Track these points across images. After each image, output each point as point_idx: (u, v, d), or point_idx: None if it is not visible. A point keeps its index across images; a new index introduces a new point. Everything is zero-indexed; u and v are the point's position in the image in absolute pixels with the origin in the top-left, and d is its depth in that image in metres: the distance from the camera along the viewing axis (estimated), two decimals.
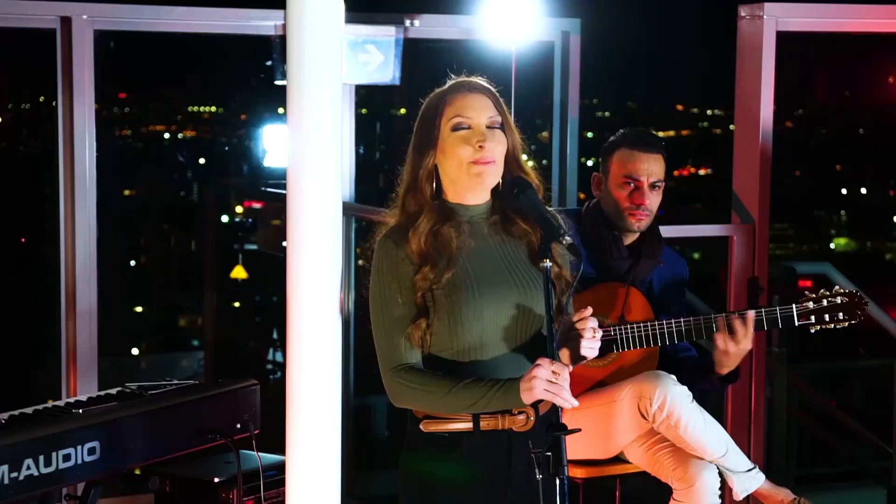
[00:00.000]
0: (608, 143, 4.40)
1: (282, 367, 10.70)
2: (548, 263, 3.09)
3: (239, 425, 3.86)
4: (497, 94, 3.26)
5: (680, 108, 32.75)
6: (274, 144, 9.22)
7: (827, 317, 4.13)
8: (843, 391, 9.43)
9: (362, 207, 5.67)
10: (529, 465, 3.07)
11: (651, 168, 4.31)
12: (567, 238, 3.10)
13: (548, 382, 2.99)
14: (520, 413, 3.17)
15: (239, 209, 17.22)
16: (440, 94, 3.25)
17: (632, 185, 4.30)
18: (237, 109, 21.99)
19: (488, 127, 3.20)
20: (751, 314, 4.09)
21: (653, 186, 4.31)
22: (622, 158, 4.34)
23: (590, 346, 3.12)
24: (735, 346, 4.09)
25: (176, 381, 3.85)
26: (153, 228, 18.98)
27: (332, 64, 3.28)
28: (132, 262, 18.32)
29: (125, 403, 3.63)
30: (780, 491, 4.18)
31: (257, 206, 15.90)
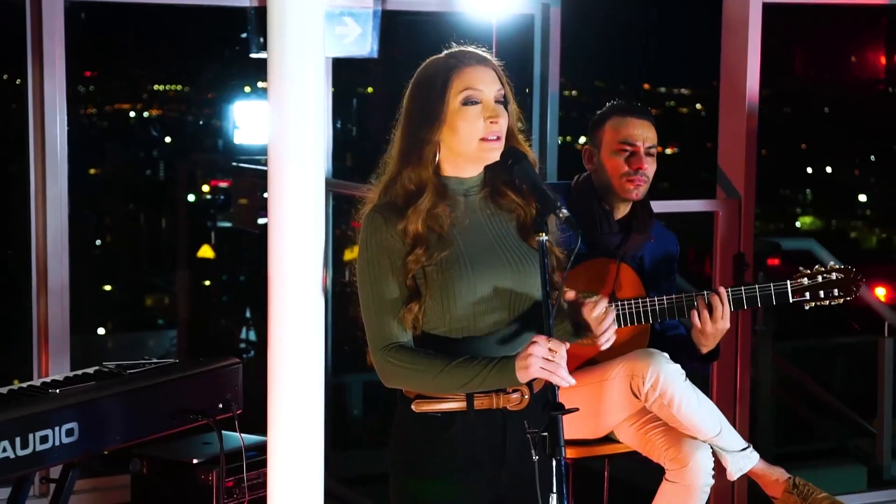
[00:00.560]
0: (598, 116, 4.30)
1: (255, 345, 10.59)
2: (544, 237, 2.99)
3: (221, 405, 3.75)
4: (499, 66, 3.15)
5: (647, 87, 32.67)
6: (245, 121, 9.09)
7: (822, 293, 4.05)
8: (823, 368, 9.39)
9: (342, 183, 5.56)
10: (524, 445, 2.99)
11: (646, 133, 4.22)
12: (563, 211, 2.99)
13: (544, 360, 2.90)
14: (514, 392, 3.08)
15: (206, 188, 17.03)
16: (444, 64, 3.12)
17: (628, 150, 4.20)
18: (203, 88, 21.79)
19: (496, 101, 3.09)
20: (724, 292, 3.99)
21: (648, 153, 4.22)
22: (615, 125, 4.25)
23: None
24: (712, 325, 3.99)
25: (155, 360, 3.73)
26: (119, 207, 18.76)
27: (314, 36, 3.17)
28: (98, 241, 18.11)
29: (104, 383, 3.51)
30: (775, 470, 4.10)
31: (224, 184, 15.71)
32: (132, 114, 21.75)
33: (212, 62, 20.44)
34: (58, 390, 3.41)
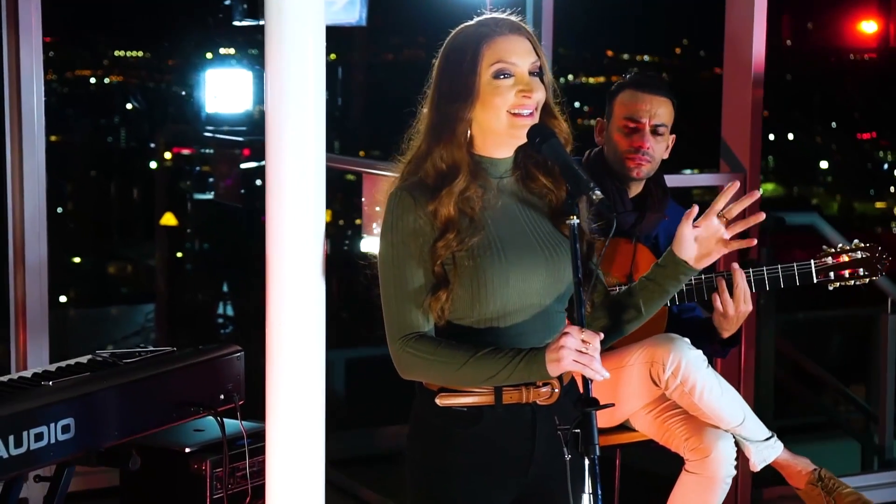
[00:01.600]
0: (614, 86, 4.10)
1: (232, 321, 10.39)
2: (575, 220, 2.78)
3: (223, 396, 3.53)
4: (533, 34, 2.92)
5: (610, 54, 32.56)
6: (218, 90, 8.85)
7: (847, 273, 3.88)
8: (814, 341, 9.31)
9: (339, 158, 5.34)
10: (554, 441, 2.82)
11: (655, 110, 4.01)
12: (597, 192, 2.77)
13: (577, 352, 2.71)
14: (544, 385, 2.89)
15: (168, 155, 16.77)
16: (475, 34, 2.88)
17: (632, 126, 4.00)
18: (164, 54, 21.52)
19: (531, 73, 2.87)
20: (740, 273, 3.80)
21: (655, 131, 4.01)
22: (625, 99, 4.06)
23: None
24: (735, 308, 3.81)
25: (151, 348, 3.51)
26: (81, 175, 18.51)
27: (314, 3, 2.95)
28: (59, 209, 17.83)
29: (99, 374, 3.29)
30: (800, 461, 3.94)
31: (187, 152, 15.44)
32: (93, 80, 21.43)
33: (173, 28, 20.17)
34: (51, 383, 3.19)
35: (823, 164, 34.04)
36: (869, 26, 14.50)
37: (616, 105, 4.06)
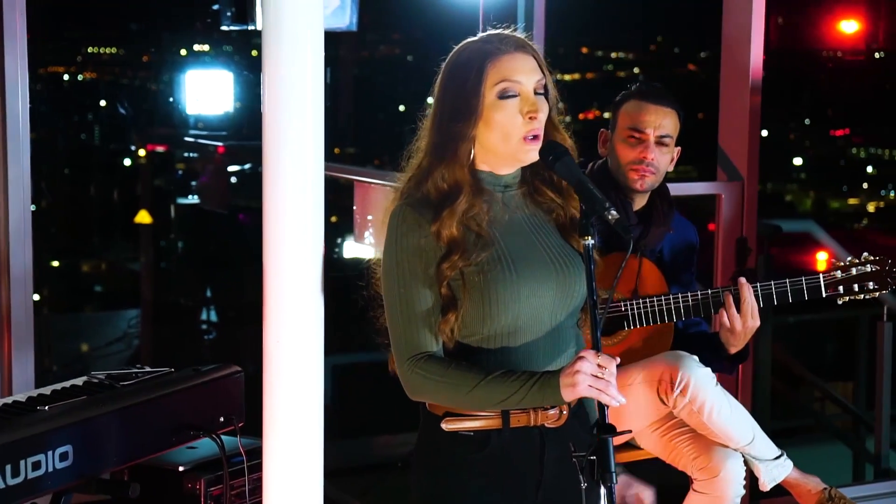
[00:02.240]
0: (619, 97, 4.01)
1: (216, 326, 10.28)
2: (590, 241, 2.70)
3: (222, 418, 3.43)
4: (538, 51, 2.84)
5: (585, 50, 32.52)
6: (199, 91, 8.75)
7: (856, 286, 3.80)
8: (804, 345, 9.28)
9: (332, 165, 5.23)
10: (562, 464, 2.77)
11: (659, 121, 3.92)
12: (613, 212, 2.69)
13: (593, 378, 2.65)
14: (552, 407, 2.81)
15: (142, 153, 16.64)
16: (479, 51, 2.80)
17: (636, 137, 3.92)
18: (136, 51, 21.36)
19: (536, 93, 2.78)
20: (747, 288, 3.72)
21: (660, 142, 3.92)
22: (629, 110, 3.97)
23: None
24: (742, 323, 3.72)
25: (148, 369, 3.41)
26: (54, 173, 18.34)
27: (313, 5, 2.88)
28: (32, 207, 17.67)
29: (96, 398, 3.18)
30: (810, 479, 3.87)
31: (161, 149, 15.34)
32: (66, 76, 21.24)
33: (147, 24, 20.02)
34: (47, 408, 3.07)
35: (797, 161, 34.12)
36: (849, 25, 14.46)
37: (620, 115, 3.98)
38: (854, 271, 3.80)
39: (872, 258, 3.82)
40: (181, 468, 3.81)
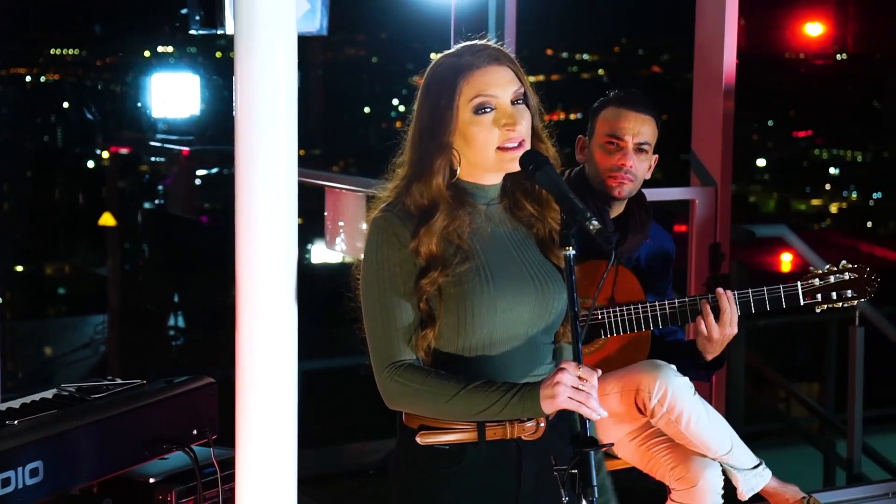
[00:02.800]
0: (597, 103, 3.98)
1: (184, 332, 10.21)
2: (570, 251, 2.66)
3: (196, 431, 3.37)
4: (515, 60, 2.80)
5: (549, 52, 32.56)
6: (165, 95, 8.69)
7: (835, 294, 3.78)
8: (773, 347, 9.28)
9: (304, 171, 5.18)
10: (540, 477, 2.75)
11: (637, 128, 3.89)
12: (594, 223, 2.65)
13: (573, 389, 2.61)
14: (529, 420, 2.78)
15: (105, 154, 16.54)
16: (452, 67, 2.78)
17: (615, 144, 3.88)
18: (99, 53, 21.25)
19: (513, 103, 2.75)
20: (731, 293, 3.69)
21: (639, 149, 3.89)
22: (607, 116, 3.93)
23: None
24: (720, 331, 3.69)
25: (119, 380, 3.35)
26: (18, 175, 18.22)
27: (286, 10, 2.84)
28: None
29: (67, 412, 3.11)
30: (788, 488, 3.84)
31: (125, 151, 15.23)
32: (28, 78, 21.11)
33: (111, 25, 19.92)
34: (16, 422, 3.01)
35: (761, 162, 34.25)
36: (813, 28, 14.50)
37: (598, 122, 3.94)
38: (832, 279, 3.78)
39: (851, 266, 3.80)
40: (152, 480, 3.74)
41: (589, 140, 3.96)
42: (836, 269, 3.79)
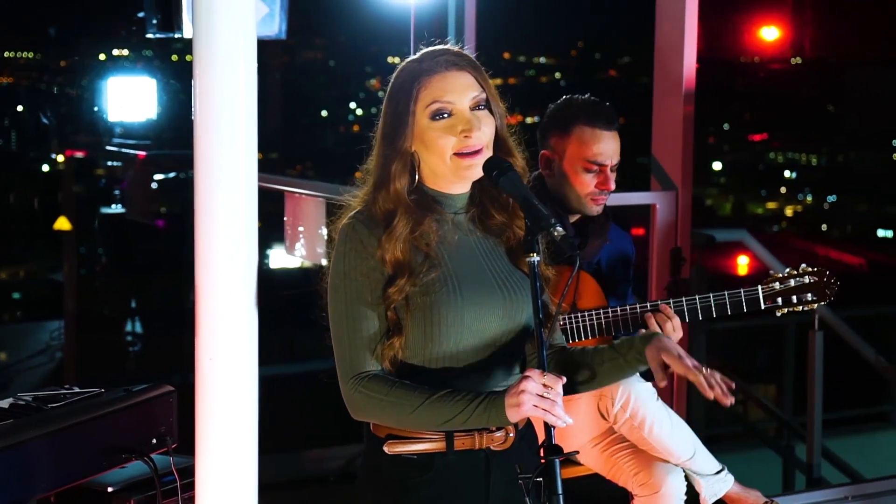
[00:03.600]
0: (559, 116, 3.90)
1: (141, 338, 10.14)
2: (535, 258, 2.64)
3: (155, 440, 3.33)
4: (478, 65, 2.77)
5: (507, 56, 32.64)
6: (121, 98, 8.63)
7: (794, 298, 3.78)
8: (731, 350, 9.31)
9: (264, 176, 5.14)
10: (509, 488, 2.70)
11: (614, 148, 3.85)
12: (558, 229, 2.64)
13: (538, 397, 2.58)
14: (498, 430, 2.76)
15: (60, 158, 16.43)
16: (411, 73, 2.75)
17: (596, 168, 3.83)
18: (54, 55, 21.13)
19: (473, 109, 2.72)
20: (678, 301, 3.69)
21: (613, 168, 3.87)
22: (583, 139, 3.84)
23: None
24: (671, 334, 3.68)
25: (77, 389, 3.30)
26: None
27: (245, 14, 2.79)
28: None
29: (24, 422, 3.06)
30: (750, 493, 3.85)
31: (80, 154, 15.13)
32: None
33: (66, 28, 19.80)
34: None
35: (717, 166, 34.41)
36: (769, 33, 14.56)
37: (571, 143, 3.84)
38: (793, 283, 3.78)
39: (811, 269, 3.80)
40: (111, 489, 3.69)
41: (560, 160, 3.89)
42: (796, 272, 3.79)
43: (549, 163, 3.90)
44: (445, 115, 2.72)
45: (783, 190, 34.00)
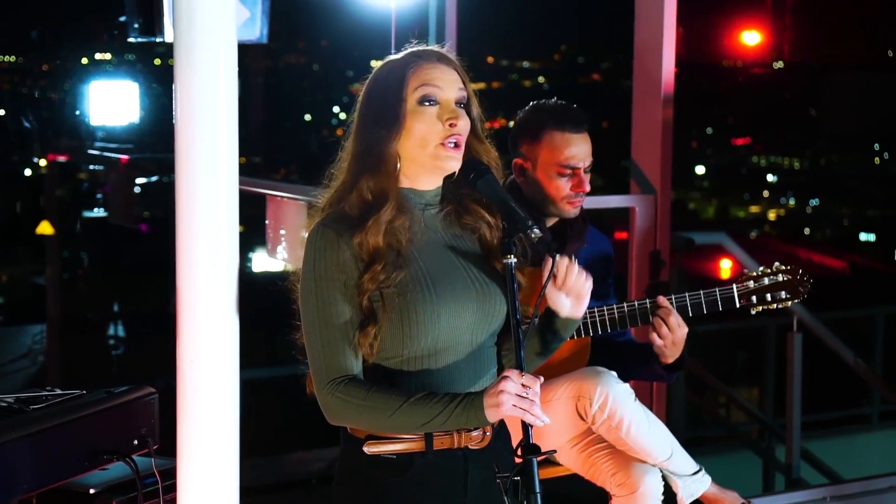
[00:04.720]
0: (528, 123, 3.91)
1: (124, 342, 10.13)
2: (511, 259, 2.68)
3: (136, 441, 3.35)
4: (461, 66, 2.81)
5: (490, 60, 32.67)
6: (103, 102, 8.63)
7: (769, 296, 3.80)
8: (711, 352, 9.35)
9: (245, 180, 5.16)
10: (487, 486, 2.73)
11: (586, 150, 3.86)
12: (536, 231, 2.67)
13: (517, 397, 2.60)
14: (476, 429, 2.77)
15: (43, 162, 16.41)
16: (401, 62, 2.78)
17: (569, 172, 3.86)
18: (36, 59, 21.09)
19: (457, 103, 2.75)
20: (662, 299, 3.72)
21: (587, 170, 3.89)
22: (554, 144, 3.85)
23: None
24: (672, 335, 3.71)
25: (59, 391, 3.31)
26: None
27: (225, 18, 2.82)
28: None
29: (5, 423, 3.08)
30: (728, 494, 3.87)
31: (62, 158, 15.11)
32: None
33: (48, 32, 19.75)
34: None
35: (700, 170, 34.50)
36: (751, 37, 14.63)
37: (542, 149, 3.86)
38: (766, 281, 3.80)
39: (784, 268, 3.82)
40: (92, 491, 3.70)
41: (533, 167, 3.89)
42: (769, 271, 3.81)
43: (523, 171, 3.91)
44: (433, 101, 2.74)
45: (766, 193, 34.11)
